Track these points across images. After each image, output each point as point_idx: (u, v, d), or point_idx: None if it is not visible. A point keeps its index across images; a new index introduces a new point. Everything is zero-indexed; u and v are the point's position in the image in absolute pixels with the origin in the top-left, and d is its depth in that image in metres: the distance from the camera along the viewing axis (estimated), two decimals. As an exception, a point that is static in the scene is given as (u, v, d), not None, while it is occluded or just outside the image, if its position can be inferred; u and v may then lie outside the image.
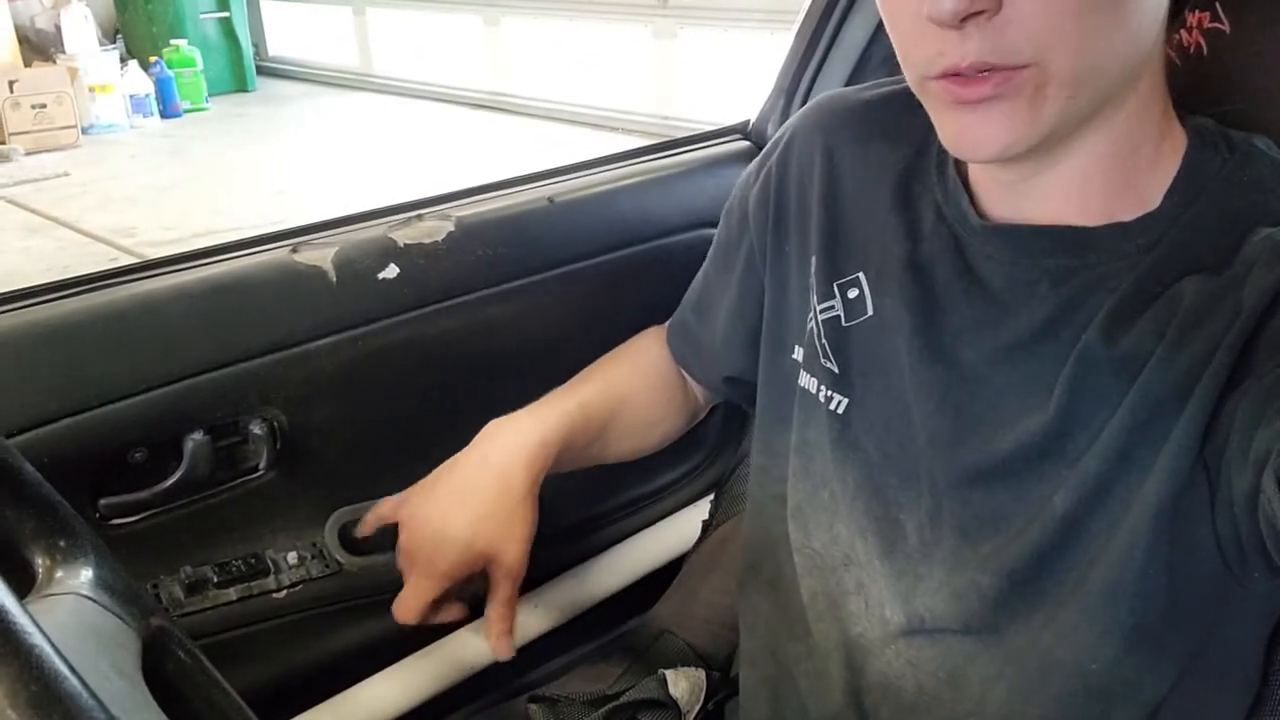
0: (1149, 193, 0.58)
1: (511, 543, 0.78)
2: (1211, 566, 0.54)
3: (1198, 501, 0.53)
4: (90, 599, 0.48)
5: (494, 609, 0.79)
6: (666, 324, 0.92)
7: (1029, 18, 0.51)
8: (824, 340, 0.69)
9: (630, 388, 0.88)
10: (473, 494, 0.78)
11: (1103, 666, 0.57)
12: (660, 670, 0.89)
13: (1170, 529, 0.54)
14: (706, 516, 1.08)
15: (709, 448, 1.17)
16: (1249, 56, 0.63)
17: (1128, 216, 0.58)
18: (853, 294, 0.68)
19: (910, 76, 0.58)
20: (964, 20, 0.51)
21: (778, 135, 0.78)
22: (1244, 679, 0.61)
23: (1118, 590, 0.56)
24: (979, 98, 0.53)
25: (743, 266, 0.80)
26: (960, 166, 0.66)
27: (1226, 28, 0.62)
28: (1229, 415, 0.51)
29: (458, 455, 0.81)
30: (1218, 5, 0.61)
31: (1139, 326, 0.55)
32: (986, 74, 0.53)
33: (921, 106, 0.59)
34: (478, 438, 0.81)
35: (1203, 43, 0.63)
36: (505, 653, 0.80)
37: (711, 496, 1.10)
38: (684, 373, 0.91)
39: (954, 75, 0.54)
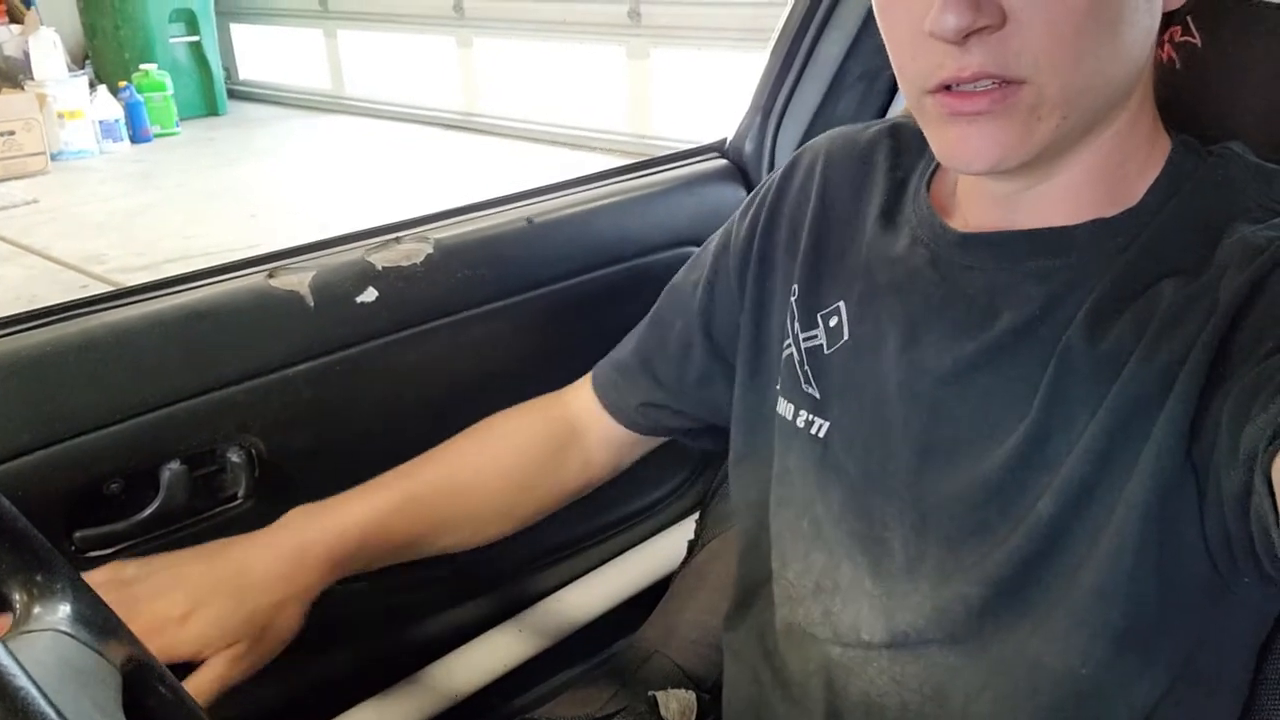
0: (1132, 193, 0.60)
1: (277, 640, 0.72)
2: (1200, 570, 0.55)
3: (1186, 503, 0.54)
4: (69, 635, 0.47)
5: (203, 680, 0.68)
6: (596, 388, 0.84)
7: (1031, 35, 0.52)
8: (806, 368, 0.70)
9: (474, 474, 0.82)
10: (243, 573, 0.72)
11: (1093, 671, 0.57)
12: (650, 692, 0.88)
13: (1158, 530, 0.54)
14: (692, 536, 1.07)
15: (691, 465, 1.17)
16: (1221, 70, 0.64)
17: (1109, 214, 0.59)
18: (833, 322, 0.69)
19: (907, 91, 0.59)
20: (966, 37, 0.52)
21: (774, 174, 0.78)
22: (1234, 687, 0.61)
23: (1108, 593, 0.56)
24: (975, 110, 0.54)
25: (722, 302, 0.78)
26: (938, 184, 0.66)
27: (1199, 41, 0.63)
28: (1214, 416, 0.52)
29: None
30: (1190, 20, 0.62)
31: (1119, 326, 0.56)
32: (985, 91, 0.54)
33: (912, 140, 0.59)
34: (276, 524, 0.76)
35: (1175, 56, 0.64)
36: None
37: (696, 515, 1.10)
38: (640, 435, 0.84)
39: (948, 90, 0.55)
